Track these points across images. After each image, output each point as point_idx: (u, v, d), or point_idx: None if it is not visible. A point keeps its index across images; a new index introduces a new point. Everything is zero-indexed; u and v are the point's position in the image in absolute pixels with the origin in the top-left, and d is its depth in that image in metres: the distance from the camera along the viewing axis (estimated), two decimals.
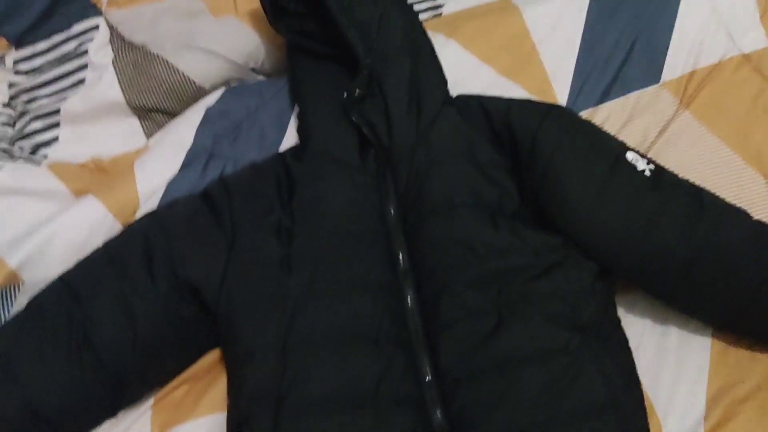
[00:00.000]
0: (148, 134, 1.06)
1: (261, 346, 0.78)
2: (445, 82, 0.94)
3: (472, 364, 0.75)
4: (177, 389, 0.85)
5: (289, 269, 0.82)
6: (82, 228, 0.89)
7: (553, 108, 0.89)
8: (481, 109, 0.90)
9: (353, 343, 0.77)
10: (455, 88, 0.95)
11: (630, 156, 0.84)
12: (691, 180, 0.84)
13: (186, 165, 0.95)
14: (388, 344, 0.77)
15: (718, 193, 0.83)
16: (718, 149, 0.93)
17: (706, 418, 0.79)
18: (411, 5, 0.97)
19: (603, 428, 0.72)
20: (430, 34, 0.96)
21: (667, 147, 0.94)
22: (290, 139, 0.99)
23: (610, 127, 0.95)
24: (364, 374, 0.75)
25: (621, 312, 0.84)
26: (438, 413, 0.74)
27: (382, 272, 0.81)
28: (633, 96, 0.97)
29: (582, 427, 0.72)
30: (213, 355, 0.87)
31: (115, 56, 1.07)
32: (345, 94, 0.89)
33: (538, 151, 0.84)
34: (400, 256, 0.82)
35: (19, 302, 0.86)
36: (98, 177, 1.00)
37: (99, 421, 0.82)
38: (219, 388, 0.83)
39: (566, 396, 0.73)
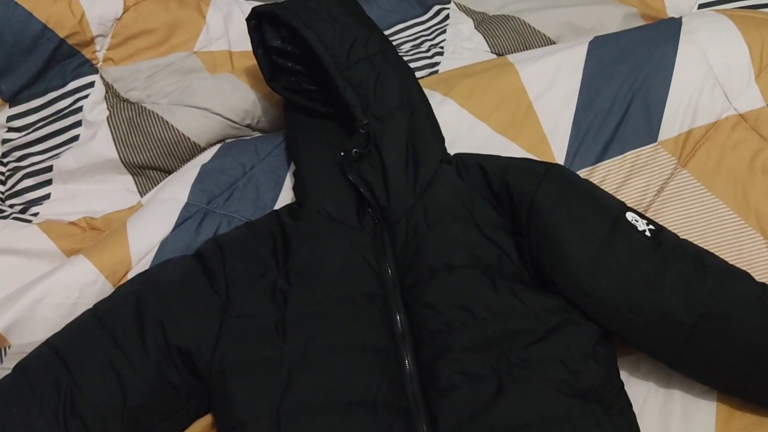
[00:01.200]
0: (142, 192, 1.05)
1: (254, 415, 0.75)
2: (442, 140, 0.93)
3: (472, 431, 0.73)
4: None
5: (284, 333, 0.80)
6: (72, 290, 0.87)
7: (551, 168, 0.88)
8: (479, 168, 0.89)
9: (350, 410, 0.75)
10: (452, 147, 0.95)
11: (630, 216, 0.83)
12: (691, 240, 0.83)
13: (180, 224, 0.94)
14: (386, 411, 0.75)
15: (718, 254, 0.83)
16: (716, 209, 0.92)
17: None
18: (407, 63, 0.97)
19: None
20: (427, 92, 0.97)
21: (665, 206, 0.94)
22: (286, 197, 0.98)
23: (608, 186, 0.95)
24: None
25: (624, 374, 0.83)
26: None
27: (379, 336, 0.80)
28: (630, 155, 0.97)
29: None
30: (206, 420, 0.83)
31: (110, 113, 1.07)
32: (342, 154, 0.89)
33: (536, 213, 0.83)
34: (398, 319, 0.80)
35: (6, 366, 0.83)
36: (90, 235, 0.99)
37: None
38: None
39: None
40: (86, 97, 1.09)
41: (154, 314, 0.81)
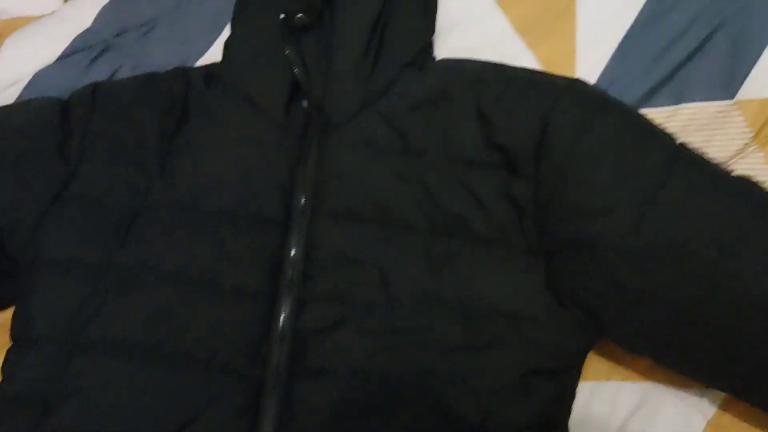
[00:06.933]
0: None
1: (46, 333, 0.58)
2: (429, 30, 0.67)
3: None
4: None
5: (125, 235, 0.61)
6: None
7: (575, 82, 0.62)
8: (465, 76, 0.64)
9: (169, 362, 0.57)
10: (444, 36, 0.70)
11: (689, 151, 0.59)
12: None
13: (68, 54, 0.74)
14: (223, 375, 0.56)
15: None
16: None
17: None
18: None
19: None
20: None
21: None
22: (216, 53, 0.74)
23: None
24: (169, 408, 0.55)
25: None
26: None
27: (254, 276, 0.59)
28: (688, 108, 0.68)
29: None
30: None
31: None
32: (282, 17, 0.64)
33: (550, 142, 0.58)
34: (293, 261, 0.59)
35: None
36: None
37: None
38: None
39: None
40: None
41: None
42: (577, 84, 0.62)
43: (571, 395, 0.60)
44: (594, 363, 0.64)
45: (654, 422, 0.62)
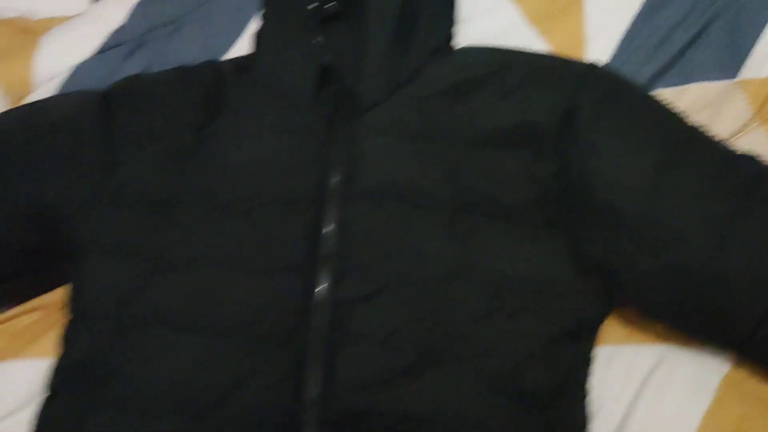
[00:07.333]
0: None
1: (98, 309, 0.62)
2: (452, 20, 0.71)
3: (368, 401, 0.58)
4: (25, 315, 0.72)
5: (167, 216, 0.64)
6: None
7: (593, 66, 0.66)
8: (490, 62, 0.67)
9: (218, 333, 0.60)
10: (462, 27, 0.73)
11: (704, 134, 0.63)
12: None
13: (105, 49, 0.78)
14: (267, 343, 0.60)
15: None
16: None
17: None
18: None
19: None
20: None
21: None
22: (242, 47, 0.79)
23: None
24: (219, 372, 0.59)
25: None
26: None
27: (292, 253, 0.62)
28: (694, 88, 0.72)
29: None
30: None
31: None
32: (310, 6, 0.67)
33: (572, 125, 0.63)
34: (327, 238, 0.62)
35: None
36: (18, 40, 0.83)
37: None
38: None
39: None
40: None
41: (24, 158, 0.67)
42: (596, 68, 0.67)
43: (591, 358, 0.64)
44: (612, 328, 0.67)
45: (671, 382, 0.65)
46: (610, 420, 0.64)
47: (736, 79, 0.72)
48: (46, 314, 0.72)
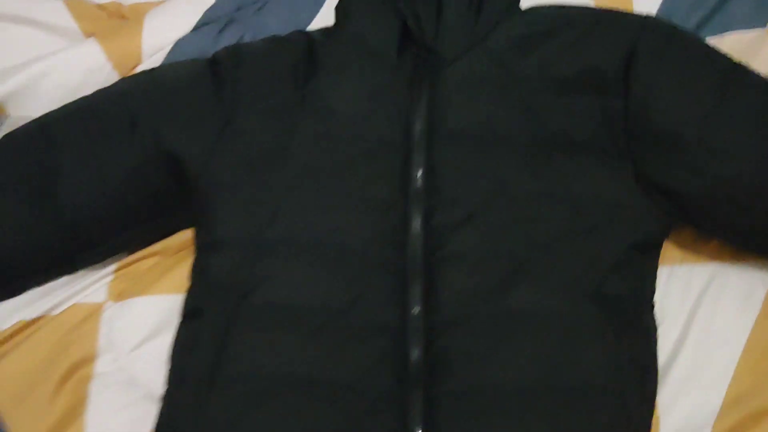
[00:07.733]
0: None
1: (233, 238, 0.70)
2: None
3: (469, 307, 0.66)
4: (144, 260, 0.80)
5: (282, 163, 0.72)
6: (77, 71, 0.83)
7: (648, 18, 0.75)
8: (555, 17, 0.76)
9: (335, 258, 0.69)
10: None
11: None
12: None
13: (201, 25, 0.86)
14: (376, 267, 0.68)
15: None
16: None
17: (716, 421, 0.67)
18: None
19: (596, 413, 0.63)
20: None
21: None
22: (323, 19, 0.88)
23: None
24: (338, 291, 0.68)
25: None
26: (417, 348, 0.65)
27: (388, 189, 0.71)
28: (730, 37, 0.81)
29: (572, 406, 0.63)
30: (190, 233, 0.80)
31: None
32: None
33: (636, 68, 0.71)
34: (418, 176, 0.70)
35: None
36: (113, 22, 0.92)
37: (55, 272, 0.78)
38: (187, 268, 0.76)
39: (561, 370, 0.64)
40: None
41: (151, 113, 0.75)
42: (652, 18, 0.76)
43: (656, 272, 0.72)
44: (669, 251, 0.75)
45: (722, 296, 0.73)
46: (671, 331, 0.71)
47: (765, 27, 0.80)
48: (163, 258, 0.80)
